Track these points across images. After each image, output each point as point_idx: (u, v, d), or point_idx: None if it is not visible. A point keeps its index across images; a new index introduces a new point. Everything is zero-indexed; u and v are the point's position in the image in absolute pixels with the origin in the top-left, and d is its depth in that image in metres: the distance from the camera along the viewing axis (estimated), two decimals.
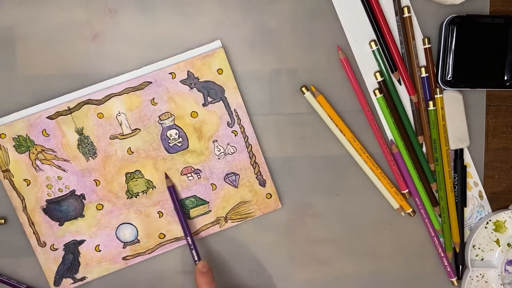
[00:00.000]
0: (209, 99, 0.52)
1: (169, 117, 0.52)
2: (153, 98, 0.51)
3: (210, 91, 0.51)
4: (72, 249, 0.53)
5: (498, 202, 0.57)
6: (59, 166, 0.51)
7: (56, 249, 0.52)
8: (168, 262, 0.54)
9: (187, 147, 0.52)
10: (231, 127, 0.52)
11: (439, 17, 0.53)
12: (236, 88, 0.52)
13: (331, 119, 0.53)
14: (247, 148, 0.53)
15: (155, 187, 0.53)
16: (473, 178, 0.56)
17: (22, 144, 0.50)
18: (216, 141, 0.52)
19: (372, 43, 0.53)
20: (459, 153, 0.55)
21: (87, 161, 0.51)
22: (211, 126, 0.52)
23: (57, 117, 0.50)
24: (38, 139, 0.50)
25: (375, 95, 0.53)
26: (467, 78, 0.53)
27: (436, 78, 0.54)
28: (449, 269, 0.56)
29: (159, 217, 0.53)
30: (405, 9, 0.52)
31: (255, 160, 0.53)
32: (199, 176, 0.53)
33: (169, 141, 0.52)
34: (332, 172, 0.55)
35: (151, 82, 0.51)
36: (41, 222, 0.52)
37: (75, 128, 0.51)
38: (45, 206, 0.52)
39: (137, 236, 0.53)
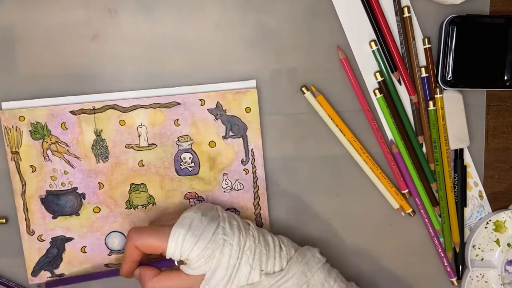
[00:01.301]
0: (231, 133, 0.52)
1: (187, 141, 0.52)
2: (178, 119, 0.52)
3: (234, 126, 0.52)
4: (59, 244, 0.53)
5: (498, 202, 0.57)
6: (69, 161, 0.51)
7: (43, 240, 0.52)
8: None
9: (197, 173, 0.53)
10: (244, 165, 0.53)
11: (439, 17, 0.53)
12: (259, 130, 0.53)
13: (331, 119, 0.53)
14: (254, 188, 0.53)
15: (156, 204, 0.53)
16: (473, 178, 0.56)
17: (39, 131, 0.51)
18: (227, 174, 0.53)
19: (372, 43, 0.53)
20: (459, 153, 0.55)
21: (97, 163, 0.52)
22: (226, 159, 0.53)
23: (80, 114, 0.51)
24: (56, 130, 0.51)
25: (375, 95, 0.53)
26: (467, 78, 0.53)
27: (436, 78, 0.54)
28: (449, 269, 0.56)
29: None
30: (405, 9, 0.52)
31: (258, 202, 0.53)
32: None
33: (181, 163, 0.52)
34: (332, 172, 0.55)
35: (179, 103, 0.51)
36: (35, 210, 0.52)
37: (94, 129, 0.51)
38: (43, 196, 0.52)
39: None
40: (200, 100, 0.52)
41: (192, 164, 0.52)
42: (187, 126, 0.52)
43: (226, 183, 0.53)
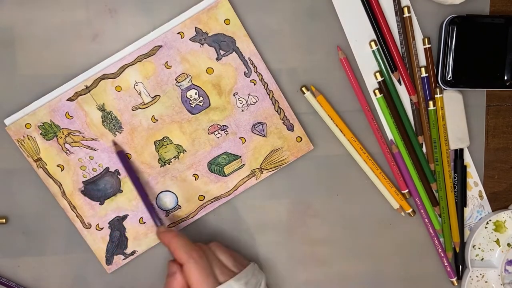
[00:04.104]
0: (222, 52, 0.51)
1: (185, 78, 0.51)
2: (167, 62, 0.50)
3: (221, 44, 0.50)
4: (117, 225, 0.52)
5: (498, 202, 0.57)
6: (89, 146, 0.51)
7: (102, 228, 0.52)
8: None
9: (209, 105, 0.52)
10: (249, 77, 0.51)
11: (439, 17, 0.53)
12: (247, 36, 0.51)
13: (331, 119, 0.53)
14: (269, 95, 0.52)
15: (186, 151, 0.52)
16: (473, 178, 0.56)
17: (48, 130, 0.50)
18: (237, 93, 0.52)
19: (372, 43, 0.53)
20: (459, 153, 0.55)
21: (114, 136, 0.51)
22: (229, 79, 0.51)
23: (77, 97, 0.50)
24: (63, 122, 0.50)
25: (375, 95, 0.53)
26: (467, 78, 0.53)
27: (436, 78, 0.54)
28: (449, 269, 0.56)
29: (195, 180, 0.53)
30: (405, 9, 0.52)
31: (279, 106, 0.52)
32: (226, 132, 0.52)
33: (190, 102, 0.51)
34: (332, 172, 0.55)
35: (161, 46, 0.50)
36: (82, 204, 0.52)
37: (97, 106, 0.50)
38: (83, 188, 0.52)
39: (178, 202, 0.53)
40: (178, 33, 0.50)
41: (201, 99, 0.51)
42: (179, 64, 0.51)
43: (240, 102, 0.52)
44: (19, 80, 0.50)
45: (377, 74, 0.53)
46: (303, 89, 0.53)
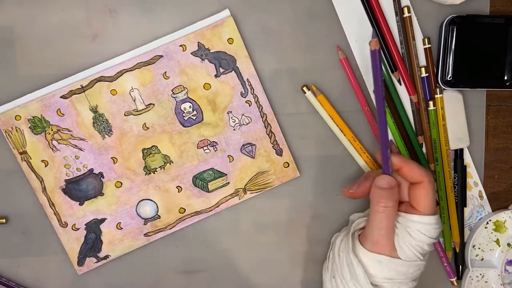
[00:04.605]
0: (221, 70, 0.51)
1: (182, 90, 0.51)
2: (165, 72, 0.51)
3: (222, 62, 0.51)
4: (94, 228, 0.52)
5: (498, 202, 0.57)
6: (76, 145, 0.51)
7: (78, 228, 0.52)
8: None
9: (202, 119, 0.52)
10: (245, 97, 0.52)
11: (439, 17, 0.53)
12: (248, 57, 0.51)
13: (332, 119, 0.53)
14: (262, 117, 0.52)
15: (172, 162, 0.52)
16: (473, 178, 0.56)
17: (38, 125, 0.50)
18: (231, 112, 0.52)
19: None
20: (459, 153, 0.55)
21: (103, 139, 0.51)
22: (225, 97, 0.52)
23: (71, 96, 0.50)
24: (53, 119, 0.50)
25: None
26: (467, 78, 0.53)
27: (436, 78, 0.54)
28: (448, 269, 0.56)
29: (178, 192, 0.53)
30: (405, 9, 0.52)
31: (270, 129, 0.53)
32: (215, 149, 0.52)
33: (184, 114, 0.52)
34: (332, 172, 0.55)
35: (162, 56, 0.50)
36: (61, 202, 0.52)
37: (89, 106, 0.50)
38: (64, 186, 0.51)
39: (158, 212, 0.53)
40: (180, 46, 0.50)
41: (195, 112, 0.52)
42: (177, 76, 0.51)
43: (233, 121, 0.52)
44: (19, 80, 0.50)
45: None
46: (304, 88, 0.53)
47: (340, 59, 0.53)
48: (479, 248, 0.57)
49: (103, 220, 0.53)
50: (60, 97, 0.50)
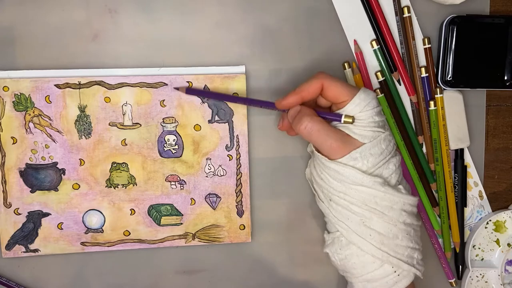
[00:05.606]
0: (216, 118, 0.52)
1: (172, 122, 0.52)
2: (164, 100, 0.51)
3: (220, 111, 0.52)
4: (35, 219, 0.52)
5: (498, 202, 0.57)
6: (50, 135, 0.51)
7: (20, 214, 0.52)
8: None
9: (180, 156, 0.52)
10: (228, 151, 0.52)
11: (439, 17, 0.53)
12: (245, 116, 0.52)
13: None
14: (237, 175, 0.53)
15: (136, 184, 0.52)
16: (473, 178, 0.56)
17: (22, 102, 0.50)
18: (210, 159, 0.52)
19: (373, 42, 0.53)
20: (459, 153, 0.55)
21: (80, 139, 0.51)
22: (210, 143, 0.52)
23: (65, 88, 0.50)
24: (39, 103, 0.50)
25: (376, 95, 0.53)
26: (467, 78, 0.53)
27: (436, 78, 0.54)
28: (447, 270, 0.56)
29: (130, 214, 0.53)
30: (405, 9, 0.52)
31: (240, 189, 0.53)
32: (182, 187, 0.53)
33: (165, 145, 0.52)
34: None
35: (166, 84, 0.51)
36: (13, 183, 0.51)
37: (79, 104, 0.51)
38: (22, 169, 0.51)
39: (103, 225, 0.53)
40: (187, 82, 0.51)
41: (176, 147, 0.52)
42: (173, 108, 0.51)
43: (209, 168, 0.53)
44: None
45: (378, 74, 0.53)
46: None
47: (355, 53, 0.52)
48: (479, 248, 0.57)
49: (47, 214, 0.52)
50: (55, 85, 0.50)
